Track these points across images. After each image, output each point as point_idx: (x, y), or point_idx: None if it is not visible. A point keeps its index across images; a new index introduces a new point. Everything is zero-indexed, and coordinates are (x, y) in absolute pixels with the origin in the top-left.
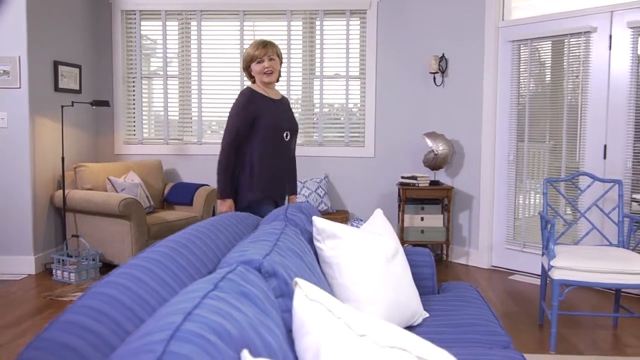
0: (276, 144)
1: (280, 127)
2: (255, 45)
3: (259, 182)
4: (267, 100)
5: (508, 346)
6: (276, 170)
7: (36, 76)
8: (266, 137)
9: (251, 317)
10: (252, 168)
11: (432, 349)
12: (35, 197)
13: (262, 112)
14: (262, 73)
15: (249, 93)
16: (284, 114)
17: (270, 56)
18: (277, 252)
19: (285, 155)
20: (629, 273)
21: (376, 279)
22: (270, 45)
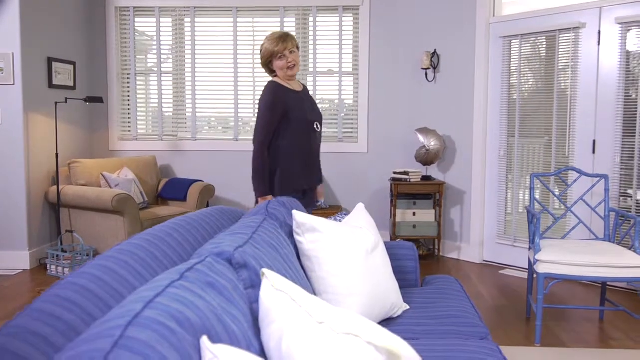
0: (308, 135)
1: (309, 119)
2: (274, 41)
3: (294, 176)
4: (293, 92)
5: (485, 337)
6: (308, 161)
7: (30, 73)
8: (298, 130)
9: (215, 306)
10: (287, 162)
11: (384, 335)
12: (29, 193)
13: (291, 105)
14: (286, 67)
15: (276, 87)
16: (309, 105)
17: (291, 49)
18: (251, 244)
19: (315, 146)
20: (613, 266)
21: (355, 271)
22: (289, 39)
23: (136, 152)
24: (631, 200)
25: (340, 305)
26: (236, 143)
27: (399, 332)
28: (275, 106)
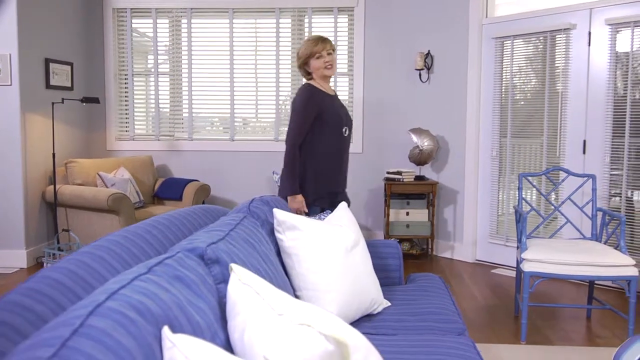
0: (338, 139)
1: (340, 123)
2: (313, 42)
3: (323, 177)
4: (326, 96)
5: (462, 333)
6: (337, 165)
7: (27, 74)
8: (330, 132)
9: (181, 299)
10: (316, 164)
11: (334, 326)
12: (27, 193)
13: (324, 107)
14: (323, 67)
15: (311, 89)
16: (340, 109)
17: (329, 50)
18: (227, 241)
19: (344, 150)
20: (597, 265)
21: (334, 268)
22: (327, 41)
23: (133, 152)
24: (620, 199)
25: (319, 301)
26: (232, 143)
27: (378, 327)
28: (309, 107)
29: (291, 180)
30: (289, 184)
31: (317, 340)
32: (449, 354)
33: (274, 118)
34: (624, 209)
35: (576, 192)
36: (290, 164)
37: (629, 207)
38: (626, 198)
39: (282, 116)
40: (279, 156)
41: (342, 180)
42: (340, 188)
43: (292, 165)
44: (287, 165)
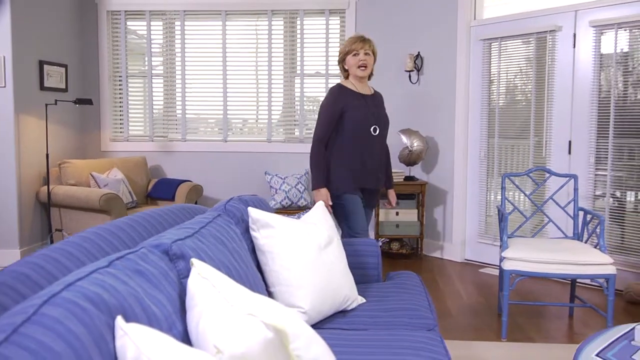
0: (365, 137)
1: (367, 122)
2: (353, 39)
3: (345, 173)
4: (356, 95)
5: (432, 329)
6: (363, 162)
7: (21, 75)
8: (354, 130)
9: (138, 291)
10: (340, 160)
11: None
12: (20, 193)
13: (350, 107)
14: (357, 66)
15: (337, 89)
16: (373, 109)
17: (366, 50)
18: (196, 238)
19: (373, 148)
20: (576, 264)
21: (306, 265)
22: (367, 41)
23: (127, 152)
24: (604, 200)
25: (292, 297)
26: (225, 144)
27: (350, 323)
28: (333, 106)
29: (315, 174)
30: (313, 178)
31: (259, 329)
32: (415, 348)
33: (266, 119)
34: (608, 208)
35: (562, 192)
36: (314, 159)
37: (619, 207)
38: (611, 197)
39: (274, 117)
40: (271, 157)
41: (373, 178)
42: (371, 185)
43: (316, 160)
44: (311, 160)
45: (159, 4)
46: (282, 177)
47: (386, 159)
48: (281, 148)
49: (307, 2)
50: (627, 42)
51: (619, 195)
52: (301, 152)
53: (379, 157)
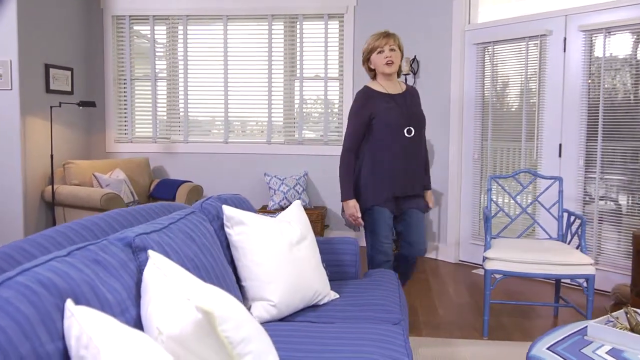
0: (398, 140)
1: (398, 124)
2: (376, 36)
3: (376, 183)
4: (384, 97)
5: (398, 323)
6: (396, 169)
7: (27, 78)
8: (384, 134)
9: (93, 278)
10: (372, 169)
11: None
12: (26, 192)
13: (379, 110)
14: (383, 64)
15: (363, 93)
16: (405, 108)
17: (392, 46)
18: (163, 232)
19: (408, 151)
20: (555, 264)
21: (277, 261)
22: (392, 36)
23: (131, 154)
24: (593, 202)
25: (262, 291)
26: (226, 145)
27: (319, 317)
28: (361, 112)
29: (343, 185)
30: (342, 189)
31: (190, 311)
32: (374, 340)
33: (266, 121)
34: (597, 210)
35: (552, 194)
36: (343, 169)
37: (608, 209)
38: (600, 199)
39: (274, 119)
40: (270, 158)
41: (409, 184)
42: (408, 191)
43: (345, 171)
44: (340, 170)
45: (162, 9)
46: (281, 179)
47: (422, 159)
48: (281, 150)
49: (306, 6)
50: (616, 47)
51: (608, 197)
52: (300, 154)
53: (416, 160)
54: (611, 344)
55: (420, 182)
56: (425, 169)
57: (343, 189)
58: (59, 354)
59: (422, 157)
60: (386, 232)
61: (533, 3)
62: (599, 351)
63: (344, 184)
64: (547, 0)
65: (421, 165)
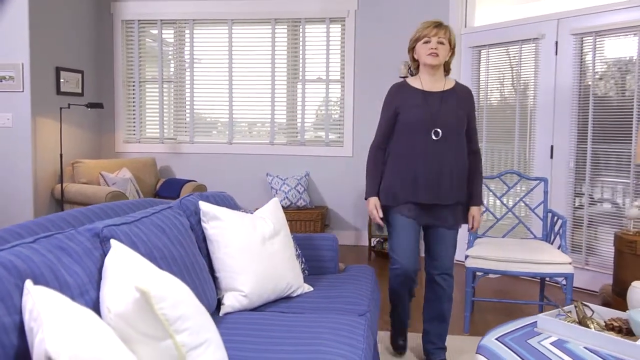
0: (422, 141)
1: (421, 124)
2: (425, 24)
3: (395, 183)
4: (416, 92)
5: (363, 314)
6: (415, 172)
7: (38, 81)
8: (406, 134)
9: (55, 263)
10: (392, 168)
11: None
12: (36, 190)
13: (405, 106)
14: (427, 54)
15: (395, 86)
16: (436, 108)
17: (440, 38)
18: (134, 225)
19: (433, 155)
20: (534, 262)
21: (249, 254)
22: (443, 27)
23: (139, 153)
24: (583, 203)
25: (234, 281)
26: (230, 146)
27: (290, 307)
28: (388, 106)
29: (367, 181)
30: (367, 186)
31: (130, 291)
32: (335, 329)
33: (269, 122)
34: (587, 210)
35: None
36: (368, 165)
37: (597, 210)
38: (590, 201)
39: (277, 120)
40: (273, 159)
41: (432, 192)
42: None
43: (369, 167)
44: (367, 166)
45: (169, 13)
46: (283, 179)
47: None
48: (283, 150)
49: (309, 10)
50: (605, 50)
51: (598, 199)
52: (302, 155)
53: (441, 167)
54: (557, 336)
55: (449, 192)
56: (471, 181)
57: (367, 185)
58: (15, 325)
59: (455, 165)
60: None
61: (527, 7)
62: (544, 342)
63: (368, 180)
64: (540, 5)
65: (452, 174)
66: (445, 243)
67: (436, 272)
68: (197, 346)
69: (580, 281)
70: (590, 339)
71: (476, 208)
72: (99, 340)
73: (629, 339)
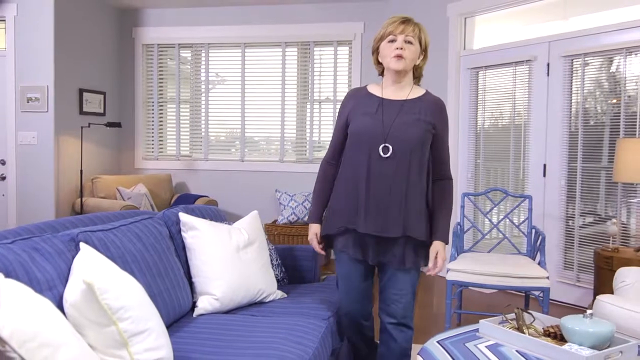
0: (363, 158)
1: (368, 137)
2: (391, 19)
3: (333, 210)
4: (372, 100)
5: (326, 319)
6: (359, 194)
7: (62, 102)
8: (352, 148)
9: (27, 261)
10: (335, 189)
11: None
12: (58, 204)
13: (353, 114)
14: (390, 56)
15: (351, 91)
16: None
17: (408, 37)
18: (111, 232)
19: (379, 176)
20: (511, 276)
21: (223, 261)
22: (410, 23)
23: (157, 170)
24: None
25: (207, 286)
26: (242, 163)
27: (261, 311)
28: (340, 114)
29: (312, 203)
30: (310, 208)
31: (79, 283)
32: (292, 329)
33: (279, 140)
34: (577, 226)
35: (535, 212)
36: (316, 183)
37: (587, 227)
38: (581, 218)
39: (287, 139)
40: (283, 176)
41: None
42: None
43: (315, 186)
44: (314, 184)
45: (187, 37)
46: (291, 195)
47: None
48: (292, 168)
49: (317, 34)
50: (594, 71)
51: (589, 215)
52: (310, 172)
53: (389, 192)
54: (495, 340)
55: (397, 224)
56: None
57: (310, 207)
58: None
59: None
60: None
61: (522, 30)
62: (480, 345)
63: (312, 201)
64: (533, 28)
65: (402, 202)
66: (397, 286)
67: (388, 321)
68: (139, 333)
69: (572, 298)
70: (522, 343)
71: (439, 243)
72: (45, 321)
73: (560, 343)
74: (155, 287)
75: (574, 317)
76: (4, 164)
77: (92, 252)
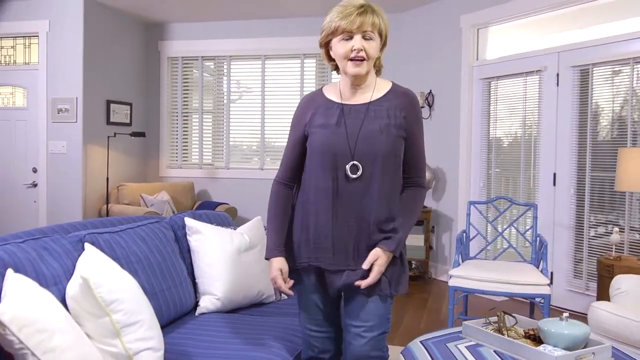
0: (325, 180)
1: (331, 153)
2: (344, 9)
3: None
4: (331, 106)
5: None
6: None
7: (90, 113)
8: (312, 167)
9: (36, 258)
10: (294, 216)
11: (91, 271)
12: (85, 210)
13: (312, 126)
14: (347, 58)
15: (306, 98)
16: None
17: (367, 32)
18: (118, 234)
19: (347, 204)
20: (512, 283)
21: (224, 264)
22: (369, 13)
23: (180, 178)
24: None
25: (210, 287)
26: (261, 172)
27: (260, 311)
28: (294, 126)
29: (268, 233)
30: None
31: (78, 279)
32: (281, 329)
33: None
34: (586, 236)
35: (544, 220)
36: (268, 209)
37: (596, 236)
38: (590, 228)
39: None
40: None
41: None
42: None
43: (269, 213)
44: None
45: (209, 50)
46: None
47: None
48: None
49: None
50: (602, 82)
51: (598, 224)
52: None
53: (359, 221)
54: (476, 341)
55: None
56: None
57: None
58: None
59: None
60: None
61: (533, 41)
62: (460, 345)
63: (268, 230)
64: (544, 39)
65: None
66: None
67: None
68: (131, 324)
69: (581, 306)
70: (500, 344)
71: (381, 251)
72: (44, 310)
73: (537, 345)
74: (157, 285)
75: (551, 320)
76: (35, 172)
77: (95, 251)
